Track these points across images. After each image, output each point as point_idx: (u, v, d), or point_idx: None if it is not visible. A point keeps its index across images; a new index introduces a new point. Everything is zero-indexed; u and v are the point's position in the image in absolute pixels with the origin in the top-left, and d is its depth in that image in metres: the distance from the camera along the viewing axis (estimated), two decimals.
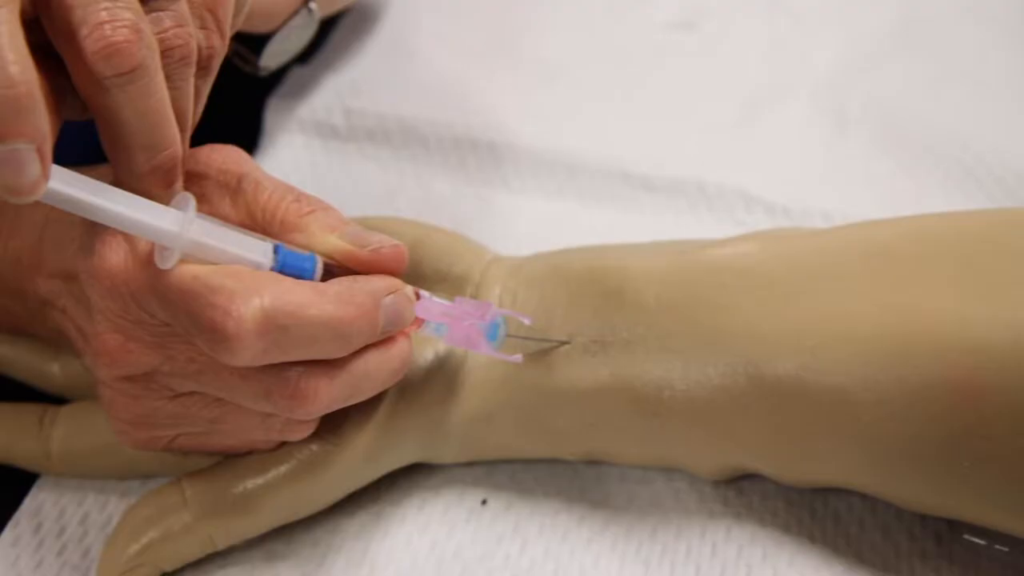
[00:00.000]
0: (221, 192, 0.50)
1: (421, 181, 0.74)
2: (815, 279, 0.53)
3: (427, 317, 0.52)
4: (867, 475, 0.53)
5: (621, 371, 0.54)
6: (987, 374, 0.49)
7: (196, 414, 0.51)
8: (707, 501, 0.57)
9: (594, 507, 0.57)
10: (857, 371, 0.51)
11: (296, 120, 0.76)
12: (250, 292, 0.46)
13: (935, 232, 0.54)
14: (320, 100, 0.77)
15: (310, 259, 0.48)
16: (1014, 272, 0.51)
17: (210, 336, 0.46)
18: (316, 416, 0.50)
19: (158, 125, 0.46)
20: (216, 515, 0.52)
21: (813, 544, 0.55)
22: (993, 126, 0.74)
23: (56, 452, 0.56)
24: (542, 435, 0.55)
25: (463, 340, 0.53)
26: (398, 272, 0.51)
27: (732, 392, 0.53)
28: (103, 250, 0.48)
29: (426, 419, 0.55)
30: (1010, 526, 0.51)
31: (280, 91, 0.78)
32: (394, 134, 0.76)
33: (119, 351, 0.49)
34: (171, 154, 0.47)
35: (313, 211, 0.50)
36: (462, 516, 0.56)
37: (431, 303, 0.52)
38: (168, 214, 0.46)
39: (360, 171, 0.75)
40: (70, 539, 0.55)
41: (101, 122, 0.46)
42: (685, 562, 0.55)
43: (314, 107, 0.77)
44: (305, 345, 0.47)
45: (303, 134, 0.76)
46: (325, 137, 0.76)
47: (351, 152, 0.76)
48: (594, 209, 0.71)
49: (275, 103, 0.77)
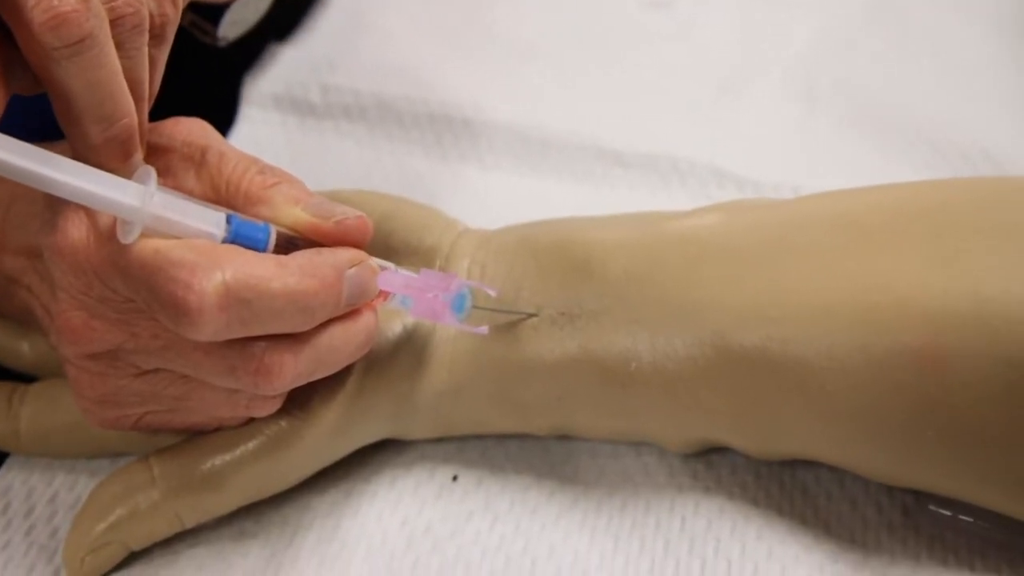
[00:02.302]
0: (185, 165, 0.50)
1: (397, 158, 0.74)
2: (780, 250, 0.53)
3: (390, 289, 0.51)
4: (833, 446, 0.53)
5: (589, 343, 0.54)
6: (949, 343, 0.49)
7: (162, 392, 0.51)
8: (676, 475, 0.57)
9: (564, 483, 0.57)
10: (821, 341, 0.51)
11: (272, 97, 0.76)
12: (212, 266, 0.46)
13: (899, 203, 0.54)
14: (296, 77, 0.77)
15: (263, 229, 0.48)
16: (975, 242, 0.51)
17: (172, 311, 0.46)
18: (282, 391, 0.50)
19: (111, 96, 0.46)
20: (184, 492, 0.52)
21: (781, 517, 0.55)
22: (960, 104, 0.74)
23: (25, 431, 0.56)
24: (511, 409, 0.55)
25: (428, 312, 0.52)
26: (362, 244, 0.50)
27: (699, 363, 0.53)
28: (65, 225, 0.48)
29: (394, 393, 0.55)
30: (974, 496, 0.52)
31: (256, 68, 0.78)
32: (370, 111, 0.76)
33: (83, 328, 0.49)
34: (126, 125, 0.47)
35: (277, 183, 0.50)
36: (433, 492, 0.56)
37: (394, 275, 0.52)
38: (129, 188, 0.46)
39: (336, 148, 0.74)
40: (39, 519, 0.55)
41: (53, 95, 0.46)
42: (654, 536, 0.55)
43: (290, 84, 0.77)
44: (268, 319, 0.47)
45: (279, 111, 0.76)
46: (302, 114, 0.76)
47: (327, 129, 0.76)
48: (568, 185, 0.71)
49: (251, 80, 0.77)
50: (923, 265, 0.51)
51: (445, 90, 0.77)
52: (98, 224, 0.47)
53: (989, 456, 0.50)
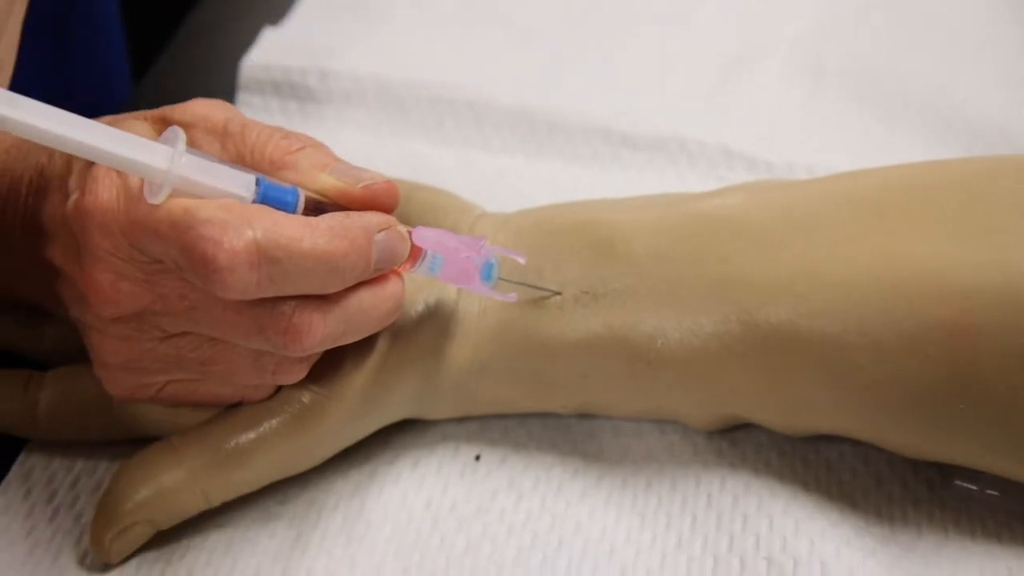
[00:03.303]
0: (209, 138, 0.50)
1: (399, 142, 0.74)
2: (805, 227, 0.53)
3: (423, 245, 0.51)
4: (861, 421, 0.53)
5: (613, 321, 0.54)
6: (980, 315, 0.49)
7: (187, 356, 0.50)
8: (701, 453, 0.57)
9: (588, 461, 0.57)
10: (850, 316, 0.51)
11: (271, 83, 0.76)
12: (242, 224, 0.46)
13: (923, 180, 0.54)
14: (295, 63, 0.76)
15: (292, 192, 0.48)
16: (1002, 217, 0.51)
17: (202, 268, 0.46)
18: (309, 353, 0.49)
19: None
20: (210, 470, 0.52)
21: (808, 492, 0.55)
22: (971, 79, 0.75)
23: (43, 415, 0.55)
24: (535, 387, 0.55)
25: (458, 275, 0.52)
26: (390, 208, 0.50)
27: (725, 340, 0.53)
28: (95, 187, 0.47)
29: (418, 370, 0.54)
30: (1004, 468, 0.52)
31: (253, 54, 0.77)
32: (370, 96, 0.76)
33: (110, 290, 0.48)
34: None
35: (303, 148, 0.50)
36: (456, 472, 0.56)
37: (427, 230, 0.51)
38: (158, 150, 0.46)
39: (338, 134, 0.74)
40: (62, 504, 0.55)
41: None
42: (681, 513, 0.55)
43: (289, 70, 0.76)
44: (298, 278, 0.47)
45: (278, 97, 0.76)
46: (301, 100, 0.76)
47: (328, 115, 0.75)
48: (577, 168, 0.71)
49: (248, 66, 0.77)
50: (952, 239, 0.51)
51: (447, 73, 0.76)
52: (129, 185, 0.47)
53: (1020, 428, 0.50)
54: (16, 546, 0.53)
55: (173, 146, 0.46)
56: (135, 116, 0.51)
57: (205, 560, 0.53)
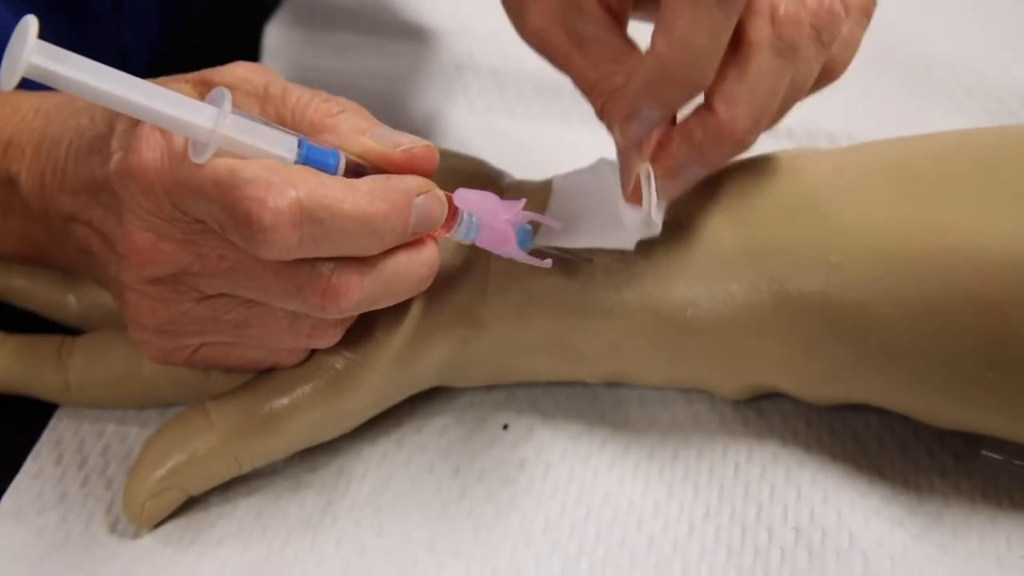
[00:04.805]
0: (249, 101, 0.50)
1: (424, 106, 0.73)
2: (836, 196, 0.53)
3: (463, 206, 0.51)
4: (891, 390, 0.53)
5: (644, 290, 0.54)
6: (1009, 284, 0.50)
7: (223, 318, 0.50)
8: (728, 423, 0.57)
9: (615, 430, 0.57)
10: (880, 285, 0.51)
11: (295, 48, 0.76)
12: (286, 184, 0.46)
13: (953, 149, 0.54)
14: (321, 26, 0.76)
15: (333, 154, 0.48)
16: None
17: (246, 227, 0.46)
18: (346, 315, 0.50)
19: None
20: (243, 435, 0.52)
21: (835, 462, 0.55)
22: (993, 47, 0.74)
23: (75, 382, 0.56)
24: (565, 355, 0.55)
25: (495, 240, 0.52)
26: (429, 172, 0.50)
27: (756, 310, 0.53)
28: (139, 146, 0.47)
29: (449, 337, 0.54)
30: None
31: (278, 18, 0.77)
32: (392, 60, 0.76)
33: (150, 250, 0.48)
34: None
35: (343, 111, 0.50)
36: (484, 441, 0.56)
37: (469, 192, 0.51)
38: (203, 109, 0.46)
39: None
40: (92, 470, 0.55)
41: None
42: (708, 483, 0.55)
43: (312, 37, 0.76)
44: (339, 239, 0.47)
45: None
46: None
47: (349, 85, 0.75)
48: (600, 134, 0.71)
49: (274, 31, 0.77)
50: (981, 210, 0.51)
51: (471, 39, 0.76)
52: (173, 145, 0.47)
53: None
54: (47, 513, 0.54)
55: (219, 106, 0.46)
56: (177, 79, 0.50)
57: (236, 528, 0.53)
